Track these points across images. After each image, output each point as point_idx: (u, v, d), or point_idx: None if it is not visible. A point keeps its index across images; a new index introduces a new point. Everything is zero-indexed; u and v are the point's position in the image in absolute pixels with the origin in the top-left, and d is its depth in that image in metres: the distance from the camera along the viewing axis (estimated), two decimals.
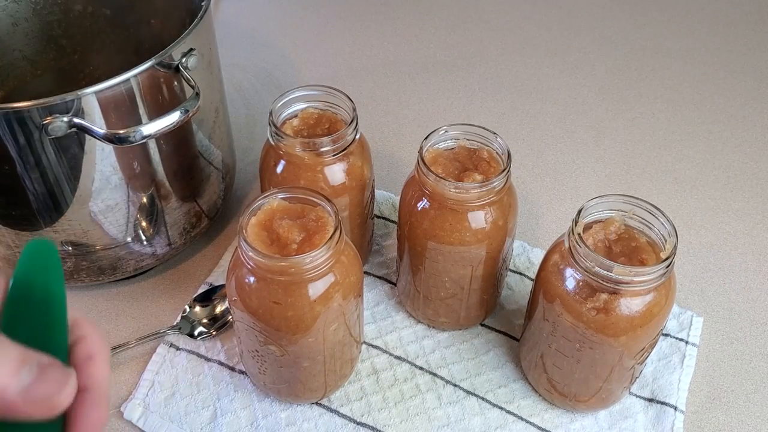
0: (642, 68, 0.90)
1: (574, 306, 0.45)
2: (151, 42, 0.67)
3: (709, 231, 0.68)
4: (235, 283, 0.46)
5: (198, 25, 0.52)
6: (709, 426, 0.53)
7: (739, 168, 0.75)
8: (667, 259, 0.43)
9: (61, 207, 0.51)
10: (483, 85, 0.87)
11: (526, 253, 0.65)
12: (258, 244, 0.44)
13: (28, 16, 0.65)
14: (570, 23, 0.98)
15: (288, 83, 0.87)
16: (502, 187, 0.50)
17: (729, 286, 0.63)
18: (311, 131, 0.55)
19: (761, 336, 0.59)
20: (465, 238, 0.50)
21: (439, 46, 0.93)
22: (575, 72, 0.89)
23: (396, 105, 0.84)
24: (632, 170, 0.75)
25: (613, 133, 0.80)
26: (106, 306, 0.61)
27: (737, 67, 0.90)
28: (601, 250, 0.46)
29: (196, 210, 0.61)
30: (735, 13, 1.00)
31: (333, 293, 0.45)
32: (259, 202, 0.46)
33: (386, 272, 0.64)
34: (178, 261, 0.65)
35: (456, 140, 0.53)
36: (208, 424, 0.52)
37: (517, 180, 0.71)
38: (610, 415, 0.53)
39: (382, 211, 0.69)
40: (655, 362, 0.56)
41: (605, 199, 0.47)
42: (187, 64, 0.51)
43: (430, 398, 0.54)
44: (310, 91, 0.56)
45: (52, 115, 0.45)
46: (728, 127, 0.81)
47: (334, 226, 0.45)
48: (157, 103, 0.51)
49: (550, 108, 0.83)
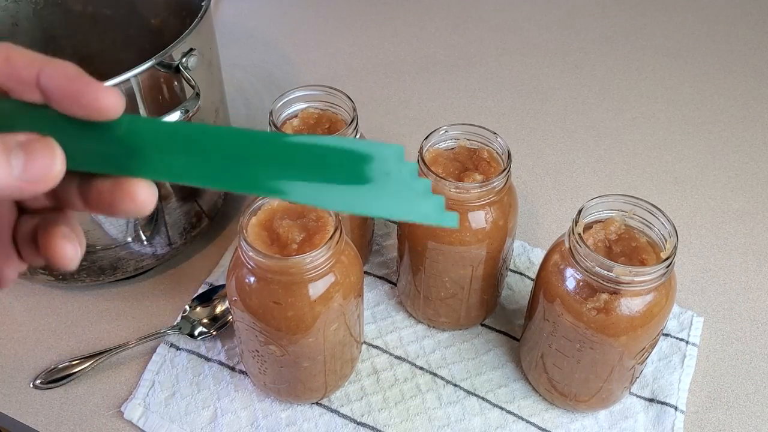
0: (642, 68, 0.90)
1: (574, 306, 0.45)
2: (151, 42, 0.67)
3: (709, 231, 0.68)
4: (235, 283, 0.46)
5: (198, 25, 0.52)
6: (709, 426, 0.53)
7: (739, 168, 0.75)
8: (667, 259, 0.43)
9: None
10: (483, 85, 0.87)
11: (527, 253, 0.65)
12: (258, 244, 0.44)
13: (29, 16, 0.65)
14: (570, 23, 0.98)
15: (288, 83, 0.87)
16: (503, 187, 0.50)
17: (729, 286, 0.63)
18: (311, 131, 0.55)
19: (761, 336, 0.59)
20: (465, 238, 0.50)
21: (439, 46, 0.93)
22: (575, 72, 0.89)
23: (396, 105, 0.84)
24: (632, 170, 0.75)
25: (614, 133, 0.80)
26: (107, 306, 0.61)
27: (737, 67, 0.90)
28: (602, 250, 0.46)
29: (197, 210, 0.61)
30: (735, 13, 1.00)
31: (333, 293, 0.45)
32: (260, 202, 0.46)
33: (386, 272, 0.64)
34: (179, 261, 0.65)
35: (456, 140, 0.53)
36: (209, 424, 0.52)
37: (517, 180, 0.71)
38: (610, 415, 0.53)
39: None
40: (655, 362, 0.56)
41: (605, 199, 0.47)
42: (188, 64, 0.51)
43: (430, 398, 0.54)
44: (310, 91, 0.56)
45: None
46: (728, 127, 0.81)
47: (334, 226, 0.45)
48: (157, 103, 0.51)
49: (550, 108, 0.83)
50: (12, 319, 0.60)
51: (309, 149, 0.26)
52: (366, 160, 0.26)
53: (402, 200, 0.26)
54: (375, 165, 0.26)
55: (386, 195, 0.26)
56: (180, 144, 0.26)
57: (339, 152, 0.26)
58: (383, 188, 0.26)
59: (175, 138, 0.26)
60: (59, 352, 0.58)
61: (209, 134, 0.26)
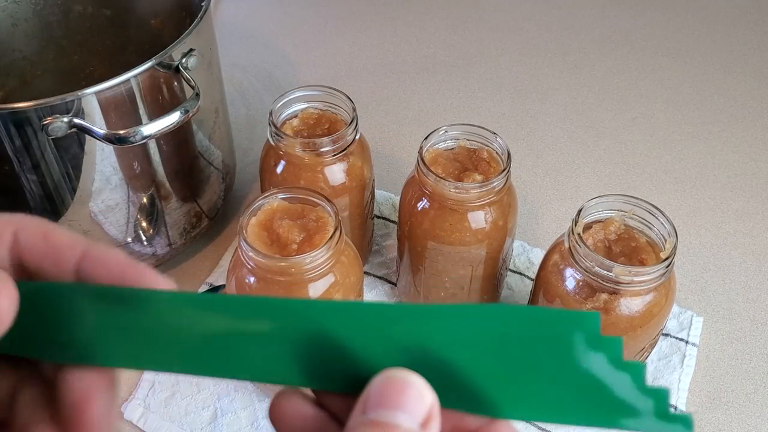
0: (642, 68, 0.90)
1: (574, 306, 0.45)
2: (151, 42, 0.67)
3: (709, 231, 0.68)
4: (235, 283, 0.46)
5: (198, 25, 0.52)
6: (709, 426, 0.53)
7: (739, 168, 0.75)
8: (666, 259, 0.43)
9: (61, 207, 0.51)
10: (483, 85, 0.87)
11: (526, 253, 0.65)
12: (258, 245, 0.44)
13: (28, 16, 0.65)
14: (570, 23, 0.98)
15: (288, 83, 0.87)
16: (502, 187, 0.50)
17: (729, 286, 0.63)
18: (311, 131, 0.55)
19: (761, 336, 0.59)
20: (465, 238, 0.50)
21: (439, 46, 0.93)
22: (575, 72, 0.89)
23: (396, 105, 0.84)
24: (632, 170, 0.75)
25: (613, 133, 0.80)
26: None
27: (737, 67, 0.90)
28: (601, 250, 0.46)
29: (197, 210, 0.61)
30: (735, 13, 1.00)
31: (333, 293, 0.45)
32: (259, 203, 0.46)
33: (386, 272, 0.64)
34: (178, 261, 0.65)
35: (456, 140, 0.53)
36: (209, 425, 0.52)
37: (517, 180, 0.71)
38: None
39: (382, 211, 0.69)
40: (655, 362, 0.56)
41: (605, 199, 0.47)
42: (187, 65, 0.51)
43: None
44: (310, 91, 0.56)
45: (53, 115, 0.45)
46: (728, 127, 0.81)
47: (334, 226, 0.45)
48: (157, 103, 0.51)
49: (550, 108, 0.83)
50: None
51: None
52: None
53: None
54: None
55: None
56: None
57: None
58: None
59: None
60: None
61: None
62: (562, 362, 0.21)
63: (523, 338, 0.21)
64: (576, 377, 0.21)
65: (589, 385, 0.21)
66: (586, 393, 0.21)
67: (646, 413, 0.20)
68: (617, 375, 0.21)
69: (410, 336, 0.21)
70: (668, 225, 0.45)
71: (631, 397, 0.21)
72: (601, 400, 0.21)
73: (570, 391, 0.21)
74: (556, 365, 0.21)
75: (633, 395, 0.21)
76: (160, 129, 0.48)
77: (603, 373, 0.21)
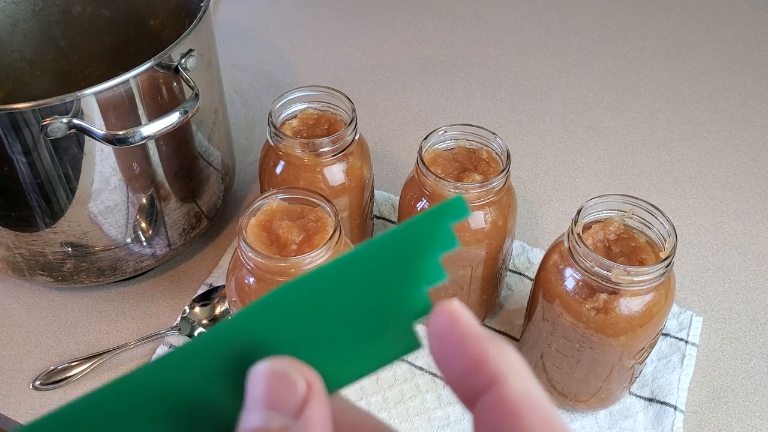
0: (642, 68, 0.90)
1: (573, 306, 0.45)
2: (151, 43, 0.67)
3: (709, 231, 0.68)
4: (234, 283, 0.46)
5: (197, 25, 0.52)
6: (709, 426, 0.53)
7: (739, 168, 0.75)
8: (666, 259, 0.43)
9: (60, 208, 0.51)
10: (482, 85, 0.87)
11: (526, 253, 0.65)
12: (258, 245, 0.44)
13: (27, 17, 0.65)
14: (570, 23, 0.98)
15: (287, 84, 0.87)
16: (502, 187, 0.50)
17: (729, 286, 0.63)
18: (310, 132, 0.55)
19: (761, 336, 0.59)
20: (464, 238, 0.50)
21: (438, 46, 0.93)
22: (575, 72, 0.89)
23: (396, 105, 0.84)
24: (632, 170, 0.75)
25: (612, 133, 0.80)
26: (106, 307, 0.61)
27: (736, 67, 0.90)
28: (601, 250, 0.46)
29: (196, 211, 0.61)
30: (735, 13, 1.00)
31: None
32: (259, 203, 0.46)
33: None
34: (178, 262, 0.65)
35: (455, 140, 0.53)
36: None
37: (516, 180, 0.71)
38: (610, 415, 0.53)
39: (382, 211, 0.69)
40: (654, 362, 0.56)
41: (605, 199, 0.47)
42: (187, 65, 0.51)
43: (430, 398, 0.54)
44: (310, 91, 0.56)
45: (52, 116, 0.45)
46: (728, 127, 0.81)
47: (333, 226, 0.45)
48: (156, 104, 0.51)
49: (549, 108, 0.83)
50: (12, 321, 0.60)
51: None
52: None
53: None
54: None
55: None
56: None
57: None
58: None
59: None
60: (59, 353, 0.58)
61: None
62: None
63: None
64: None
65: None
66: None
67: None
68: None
69: (253, 340, 0.19)
70: (668, 225, 0.45)
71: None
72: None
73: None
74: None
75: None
76: (159, 130, 0.48)
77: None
